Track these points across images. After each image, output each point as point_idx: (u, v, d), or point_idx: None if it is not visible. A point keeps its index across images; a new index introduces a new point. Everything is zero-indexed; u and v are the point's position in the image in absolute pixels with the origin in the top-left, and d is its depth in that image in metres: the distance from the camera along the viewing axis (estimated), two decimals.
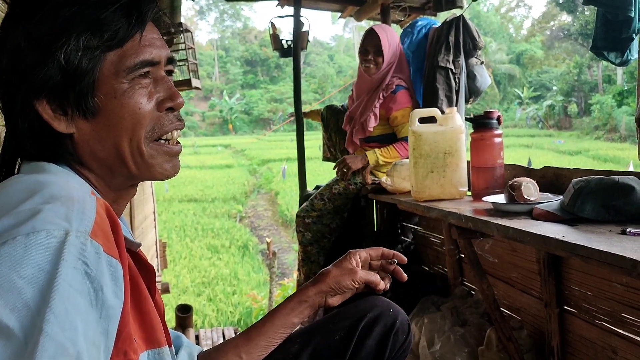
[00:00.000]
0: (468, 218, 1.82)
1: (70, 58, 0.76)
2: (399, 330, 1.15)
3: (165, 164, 0.87)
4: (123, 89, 0.79)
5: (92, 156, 0.82)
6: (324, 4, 4.18)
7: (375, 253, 1.19)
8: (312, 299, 1.13)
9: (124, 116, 0.80)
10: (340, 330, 1.15)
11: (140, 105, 0.81)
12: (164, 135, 0.86)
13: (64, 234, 0.62)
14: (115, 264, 0.67)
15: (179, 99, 0.86)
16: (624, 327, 1.71)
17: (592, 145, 26.01)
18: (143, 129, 0.82)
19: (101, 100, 0.79)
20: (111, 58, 0.79)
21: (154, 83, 0.84)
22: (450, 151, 2.23)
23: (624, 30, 2.28)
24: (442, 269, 2.95)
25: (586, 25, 33.06)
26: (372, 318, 1.15)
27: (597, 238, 1.33)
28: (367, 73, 2.96)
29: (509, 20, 54.63)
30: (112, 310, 0.64)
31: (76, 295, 0.60)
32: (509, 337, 2.00)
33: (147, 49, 0.82)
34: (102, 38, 0.77)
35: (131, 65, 0.80)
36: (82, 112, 0.79)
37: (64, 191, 0.68)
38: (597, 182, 1.56)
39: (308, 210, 2.99)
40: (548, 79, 41.62)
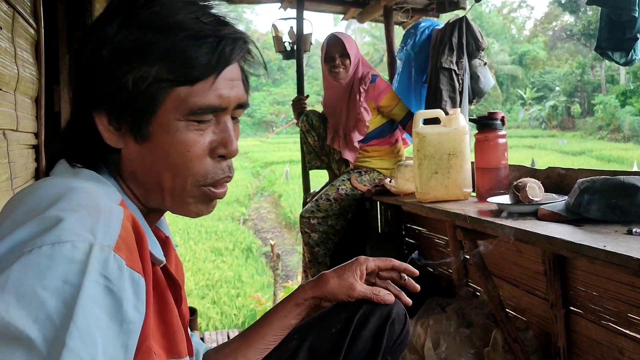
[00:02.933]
0: (473, 219, 1.82)
1: (138, 83, 0.74)
2: (395, 320, 1.13)
3: (201, 205, 0.84)
4: (177, 127, 0.77)
5: (133, 176, 0.81)
6: (327, 6, 4.18)
7: (384, 264, 1.17)
8: (308, 302, 1.14)
9: (170, 153, 0.78)
10: (336, 323, 1.14)
11: (190, 148, 0.78)
12: (214, 185, 0.82)
13: (88, 246, 0.62)
14: (138, 278, 0.66)
15: (232, 146, 0.81)
16: (630, 328, 1.70)
17: (596, 146, 25.93)
18: (189, 171, 0.79)
19: (154, 130, 0.77)
20: (177, 93, 0.76)
21: (214, 126, 0.81)
22: (455, 152, 2.23)
23: (628, 30, 2.28)
24: (446, 270, 2.95)
25: (589, 25, 33.00)
26: (367, 310, 1.13)
27: (602, 238, 1.33)
28: (337, 78, 3.01)
29: (511, 21, 54.57)
30: (132, 325, 0.64)
31: (97, 310, 0.60)
32: (515, 338, 1.99)
33: (218, 93, 0.78)
34: (174, 73, 0.75)
35: (194, 107, 0.76)
36: (134, 134, 0.78)
37: (92, 200, 0.67)
38: (602, 182, 1.56)
39: (313, 211, 2.97)
40: (551, 80, 41.53)
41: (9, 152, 1.65)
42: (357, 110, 2.95)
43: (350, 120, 2.99)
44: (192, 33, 0.75)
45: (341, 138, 3.05)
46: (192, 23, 0.76)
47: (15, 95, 1.74)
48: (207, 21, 0.77)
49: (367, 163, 3.09)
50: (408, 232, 3.40)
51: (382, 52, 31.32)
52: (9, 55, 1.68)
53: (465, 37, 2.99)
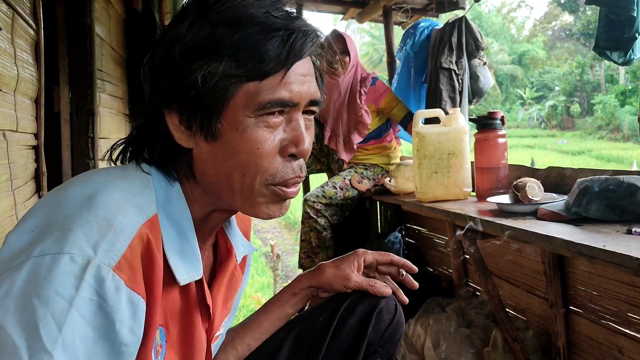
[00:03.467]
0: (473, 219, 1.82)
1: (207, 79, 0.73)
2: (383, 310, 1.11)
3: (273, 206, 0.82)
4: (247, 123, 0.75)
5: (204, 176, 0.81)
6: (326, 6, 4.18)
7: (383, 259, 1.16)
8: (305, 291, 1.14)
9: (240, 151, 0.76)
10: (323, 312, 1.13)
11: (260, 146, 0.76)
12: (283, 185, 0.80)
13: (86, 262, 0.62)
14: (138, 299, 0.67)
15: (304, 145, 0.79)
16: (630, 327, 1.70)
17: (595, 145, 25.91)
18: (259, 169, 0.77)
19: (224, 128, 0.76)
20: (247, 89, 0.74)
21: (285, 124, 0.78)
22: (454, 152, 2.23)
23: (627, 30, 2.28)
24: (446, 270, 2.95)
25: (588, 25, 32.99)
26: (355, 299, 1.12)
27: (602, 238, 1.33)
28: (335, 75, 3.03)
29: (510, 20, 54.54)
30: (124, 347, 0.65)
31: (86, 327, 0.61)
32: (515, 337, 1.99)
33: (288, 87, 0.76)
34: (243, 68, 0.73)
35: (263, 102, 0.74)
36: (203, 133, 0.77)
37: (109, 214, 0.67)
38: (602, 182, 1.56)
39: (318, 196, 2.96)
40: (550, 79, 41.51)
41: (8, 153, 1.65)
42: (357, 113, 2.98)
43: (350, 122, 3.01)
44: (262, 27, 0.74)
45: (339, 138, 3.07)
46: (262, 17, 0.75)
47: (15, 95, 1.74)
48: (278, 15, 0.76)
49: (369, 160, 3.15)
50: (408, 232, 3.40)
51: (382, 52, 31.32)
52: (9, 56, 1.68)
53: (465, 37, 3.00)
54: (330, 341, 1.08)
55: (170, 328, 0.80)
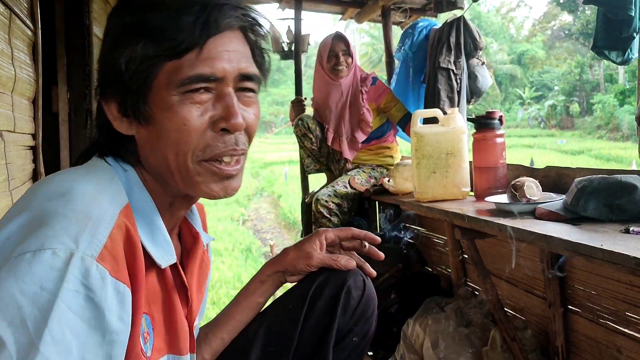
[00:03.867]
0: (471, 218, 1.82)
1: (129, 64, 0.76)
2: (351, 287, 1.10)
3: (213, 184, 0.81)
4: (172, 102, 0.76)
5: (147, 161, 0.82)
6: (325, 6, 4.18)
7: (344, 234, 1.16)
8: (271, 278, 1.14)
9: (169, 130, 0.77)
10: (292, 299, 1.13)
11: (186, 122, 0.76)
12: (215, 158, 0.80)
13: (69, 255, 0.63)
14: (123, 288, 0.67)
15: (235, 119, 0.78)
16: (629, 326, 1.70)
17: (595, 145, 25.93)
18: (189, 146, 0.77)
19: (152, 110, 0.77)
20: (167, 68, 0.76)
21: (215, 99, 0.78)
22: (453, 152, 2.23)
23: (625, 30, 2.28)
24: (445, 269, 2.95)
25: (587, 24, 32.99)
26: (321, 281, 1.11)
27: (600, 237, 1.33)
28: (339, 76, 3.06)
29: (509, 20, 54.54)
30: (115, 336, 0.65)
31: (75, 319, 0.61)
32: (513, 337, 1.99)
33: (209, 62, 0.76)
34: (160, 47, 0.75)
35: (183, 78, 0.75)
36: (137, 117, 0.79)
37: (86, 207, 0.68)
38: (600, 181, 1.56)
39: (331, 195, 2.94)
40: (549, 79, 41.52)
41: (6, 153, 1.65)
42: (360, 112, 3.00)
43: (353, 121, 3.04)
44: (177, 5, 0.76)
45: (342, 138, 3.08)
46: None
47: (12, 96, 1.74)
48: None
49: (373, 160, 3.16)
50: (406, 232, 3.39)
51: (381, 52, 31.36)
52: (6, 57, 1.68)
53: (463, 37, 3.01)
54: (302, 328, 1.08)
55: (155, 316, 0.81)
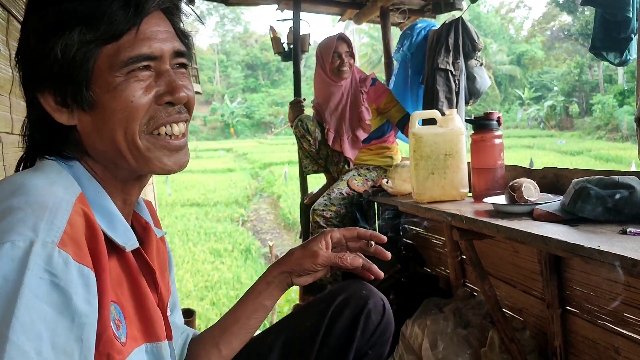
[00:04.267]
0: (469, 219, 1.82)
1: (66, 51, 0.76)
2: (371, 311, 1.11)
3: (164, 158, 0.84)
4: (117, 82, 0.78)
5: (94, 148, 0.82)
6: (324, 7, 4.18)
7: (349, 234, 1.15)
8: (277, 279, 1.12)
9: (116, 109, 0.79)
10: (311, 316, 1.13)
11: (133, 98, 0.79)
12: (159, 127, 0.83)
13: (29, 244, 0.63)
14: (88, 272, 0.67)
15: (179, 93, 0.82)
16: (627, 327, 1.71)
17: (594, 145, 25.96)
18: (137, 122, 0.80)
19: (96, 94, 0.78)
20: (107, 51, 0.78)
21: (155, 77, 0.82)
22: (451, 153, 2.23)
23: (623, 31, 2.28)
24: (444, 270, 2.95)
25: (586, 25, 33.02)
26: (342, 301, 1.12)
27: (597, 238, 1.33)
28: (343, 77, 3.07)
29: (509, 21, 54.61)
30: (85, 318, 0.65)
31: (42, 305, 0.62)
32: (512, 338, 1.99)
33: (146, 43, 0.80)
34: (96, 32, 0.77)
35: (125, 59, 0.78)
36: (80, 105, 0.79)
37: (41, 197, 0.68)
38: (597, 182, 1.56)
39: (327, 204, 2.94)
40: (549, 80, 41.56)
41: (3, 155, 1.66)
42: (359, 110, 3.01)
43: (353, 120, 3.06)
44: None
45: (343, 137, 3.09)
46: None
47: (10, 98, 1.74)
48: None
49: (372, 161, 3.16)
50: (405, 233, 3.40)
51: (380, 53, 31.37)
52: (4, 58, 1.68)
53: (462, 38, 3.00)
54: (320, 347, 1.09)
55: (125, 304, 0.80)
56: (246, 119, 50.25)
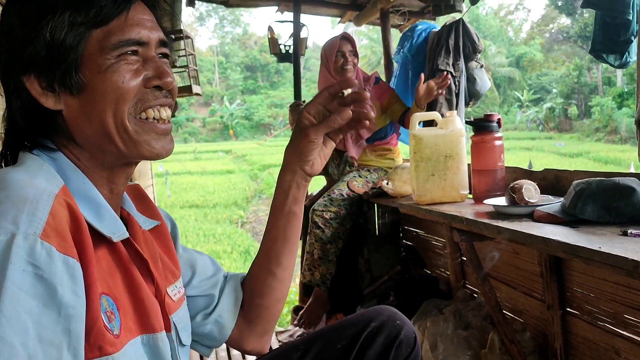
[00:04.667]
0: (469, 221, 1.83)
1: (55, 34, 0.77)
2: (402, 342, 1.11)
3: (153, 142, 0.85)
4: (108, 64, 0.79)
5: (81, 133, 0.82)
6: (324, 9, 4.19)
7: (321, 99, 1.01)
8: (293, 181, 1.04)
9: (107, 89, 0.80)
10: (342, 338, 1.13)
11: (124, 80, 0.80)
12: (148, 109, 0.84)
13: (10, 237, 0.63)
14: (73, 262, 0.67)
15: (167, 77, 0.85)
16: (627, 329, 1.71)
17: (593, 147, 25.97)
18: (126, 104, 0.81)
19: (86, 76, 0.79)
20: (97, 35, 0.79)
21: (142, 62, 0.84)
22: (451, 154, 2.23)
23: (622, 33, 2.29)
24: (444, 272, 2.95)
25: (585, 27, 33.08)
26: (375, 328, 1.12)
27: (598, 239, 1.34)
28: (346, 75, 3.08)
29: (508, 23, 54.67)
30: (71, 310, 0.65)
31: (27, 298, 0.61)
32: (512, 339, 2.00)
33: (135, 29, 0.82)
34: (87, 15, 0.78)
35: (116, 42, 0.80)
36: (68, 88, 0.80)
37: (21, 190, 0.68)
38: (597, 183, 1.57)
39: (327, 205, 2.94)
40: (548, 82, 41.60)
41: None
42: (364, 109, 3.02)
43: None
44: None
45: (347, 136, 3.10)
46: None
47: None
48: None
49: (374, 162, 3.17)
50: (406, 234, 3.40)
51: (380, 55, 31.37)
52: None
53: (462, 40, 3.02)
54: None
55: (117, 295, 0.79)
56: (245, 120, 50.23)
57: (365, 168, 3.13)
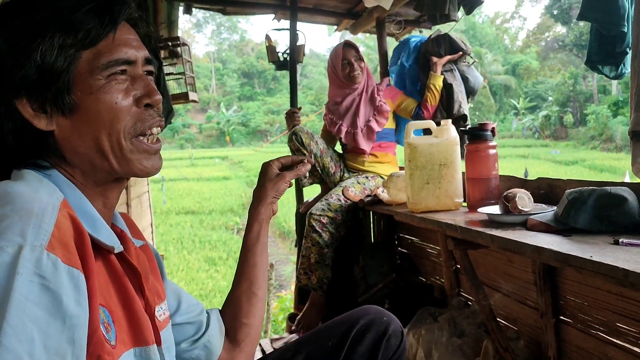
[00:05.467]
0: (464, 229, 1.84)
1: (46, 57, 0.79)
2: (391, 336, 1.17)
3: (145, 161, 0.88)
4: (99, 84, 0.82)
5: (74, 152, 0.84)
6: (320, 17, 4.22)
7: (285, 160, 1.27)
8: (263, 214, 1.23)
9: (100, 111, 0.82)
10: (332, 337, 1.17)
11: (117, 100, 0.83)
12: (146, 131, 0.87)
13: (17, 249, 0.64)
14: (77, 274, 0.68)
15: (156, 95, 0.87)
16: (620, 337, 1.72)
17: (588, 155, 26.08)
18: (121, 124, 0.83)
19: (78, 97, 0.81)
20: (86, 56, 0.81)
21: (131, 81, 0.86)
22: (446, 163, 2.25)
23: (618, 45, 2.30)
24: (438, 280, 2.96)
25: (580, 36, 33.31)
26: (364, 325, 1.17)
27: (590, 248, 1.35)
28: (356, 81, 3.16)
29: (504, 31, 54.95)
30: (75, 319, 0.66)
31: (33, 308, 0.62)
32: (506, 347, 2.00)
33: (122, 48, 0.84)
34: (76, 37, 0.80)
35: (105, 62, 0.82)
36: (60, 110, 0.81)
37: (27, 204, 0.69)
38: (590, 193, 1.58)
39: (324, 209, 2.94)
40: (543, 90, 41.79)
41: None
42: (376, 104, 3.16)
43: (368, 113, 3.17)
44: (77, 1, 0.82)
45: (357, 130, 3.17)
46: None
47: None
48: None
49: (373, 168, 3.18)
50: (401, 242, 3.41)
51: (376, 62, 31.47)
52: None
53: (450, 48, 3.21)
54: None
55: (112, 308, 0.81)
56: (242, 127, 50.22)
57: (363, 174, 3.14)
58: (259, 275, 1.21)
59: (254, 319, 1.20)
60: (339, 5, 4.04)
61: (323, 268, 2.95)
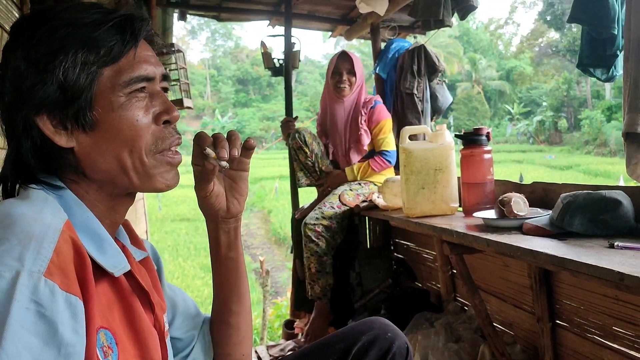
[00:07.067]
0: (459, 234, 1.84)
1: (68, 75, 0.78)
2: (395, 354, 1.12)
3: (167, 174, 0.88)
4: (120, 102, 0.81)
5: (93, 168, 0.83)
6: (315, 23, 4.23)
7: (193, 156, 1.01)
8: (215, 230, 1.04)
9: (122, 128, 0.82)
10: (334, 352, 1.13)
11: (138, 118, 0.83)
12: (167, 149, 0.87)
13: (15, 275, 0.63)
14: (75, 300, 0.68)
15: (174, 112, 0.87)
16: (616, 341, 1.72)
17: (583, 160, 26.18)
18: (142, 141, 0.83)
19: (99, 114, 0.81)
20: (108, 73, 0.81)
21: (149, 98, 0.86)
22: (441, 168, 2.25)
23: (609, 48, 2.31)
24: (435, 285, 2.96)
25: (574, 42, 33.45)
26: (367, 341, 1.12)
27: (585, 252, 1.35)
28: (342, 95, 3.10)
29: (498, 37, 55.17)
30: (71, 348, 0.65)
31: (29, 336, 0.62)
32: (503, 352, 2.00)
33: (142, 65, 0.84)
34: (98, 54, 0.80)
35: (127, 79, 0.82)
36: (81, 126, 0.81)
37: (27, 227, 0.69)
38: (584, 197, 1.58)
39: (318, 218, 2.94)
40: (538, 95, 41.96)
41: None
42: (358, 133, 3.07)
43: (350, 141, 3.11)
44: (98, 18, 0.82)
45: (340, 156, 3.16)
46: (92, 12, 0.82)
47: None
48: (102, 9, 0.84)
49: (367, 176, 3.15)
50: (397, 247, 3.41)
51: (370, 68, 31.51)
52: None
53: (424, 64, 3.33)
54: None
55: (116, 329, 0.80)
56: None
57: (356, 181, 3.13)
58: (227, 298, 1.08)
59: (227, 347, 1.11)
60: (334, 11, 4.06)
61: (324, 276, 2.95)
